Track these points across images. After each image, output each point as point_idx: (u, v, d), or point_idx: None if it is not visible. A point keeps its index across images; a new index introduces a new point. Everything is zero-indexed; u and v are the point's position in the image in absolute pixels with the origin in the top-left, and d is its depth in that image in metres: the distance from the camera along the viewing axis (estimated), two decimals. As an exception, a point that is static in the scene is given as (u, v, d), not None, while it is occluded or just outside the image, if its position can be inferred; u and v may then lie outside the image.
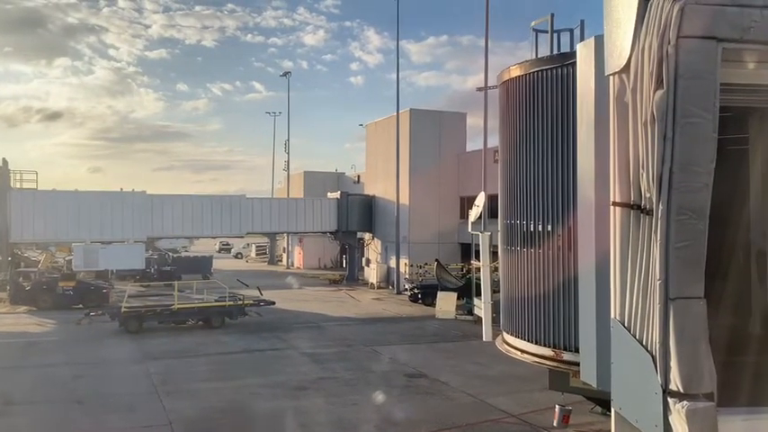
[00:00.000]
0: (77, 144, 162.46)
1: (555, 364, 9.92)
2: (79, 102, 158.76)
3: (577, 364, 8.36)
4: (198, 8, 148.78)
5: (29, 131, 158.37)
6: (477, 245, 13.78)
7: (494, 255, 13.04)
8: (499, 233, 11.65)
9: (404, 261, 40.02)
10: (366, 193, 46.70)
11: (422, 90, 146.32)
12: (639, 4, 4.96)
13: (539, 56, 10.99)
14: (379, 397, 16.63)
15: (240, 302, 27.87)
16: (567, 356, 9.58)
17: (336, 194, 45.50)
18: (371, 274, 43.29)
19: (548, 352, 9.95)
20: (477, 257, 13.42)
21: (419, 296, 34.09)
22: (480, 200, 16.02)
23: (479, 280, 14.46)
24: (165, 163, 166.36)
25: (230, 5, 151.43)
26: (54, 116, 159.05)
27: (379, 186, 44.46)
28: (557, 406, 13.17)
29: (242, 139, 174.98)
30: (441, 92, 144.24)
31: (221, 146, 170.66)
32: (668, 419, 4.76)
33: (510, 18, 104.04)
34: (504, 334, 11.37)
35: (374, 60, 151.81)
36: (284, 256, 64.50)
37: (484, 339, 13.62)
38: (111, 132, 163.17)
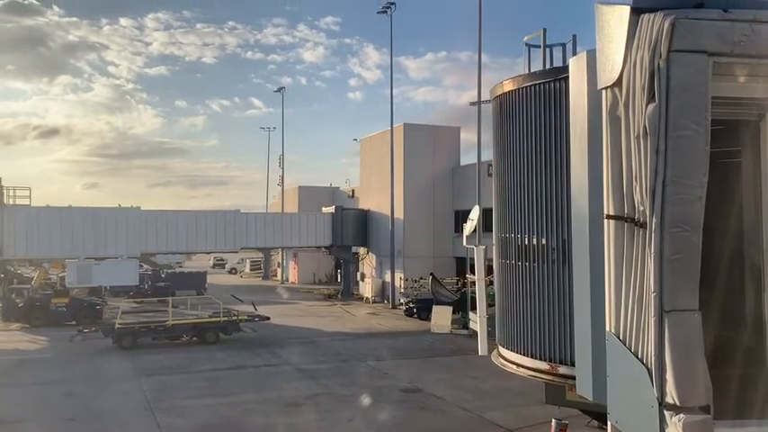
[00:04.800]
0: (75, 160, 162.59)
1: (551, 377, 9.89)
2: (78, 119, 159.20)
3: (573, 378, 8.34)
4: (199, 26, 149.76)
5: (26, 148, 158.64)
6: (472, 258, 13.77)
7: (489, 268, 13.04)
8: (494, 247, 11.65)
9: (399, 275, 39.94)
10: (361, 207, 46.70)
11: (419, 105, 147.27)
12: (631, 18, 5.00)
13: (532, 70, 11.04)
14: (374, 412, 16.53)
15: (235, 318, 27.74)
16: (562, 370, 9.55)
17: (331, 209, 45.47)
18: (366, 288, 43.18)
19: (543, 365, 9.92)
20: (472, 271, 13.41)
21: (414, 310, 34.00)
22: (475, 213, 16.04)
23: (474, 294, 14.45)
24: (161, 179, 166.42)
25: (231, 23, 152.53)
26: (52, 133, 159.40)
27: (374, 200, 44.47)
28: (553, 420, 13.09)
29: (239, 155, 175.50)
30: (437, 107, 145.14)
31: (218, 162, 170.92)
32: (665, 433, 4.74)
33: (508, 34, 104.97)
34: (500, 348, 11.33)
35: (373, 76, 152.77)
36: (279, 270, 64.30)
37: (479, 353, 13.58)
38: (109, 149, 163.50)
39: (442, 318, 29.96)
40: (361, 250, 46.31)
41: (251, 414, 16.44)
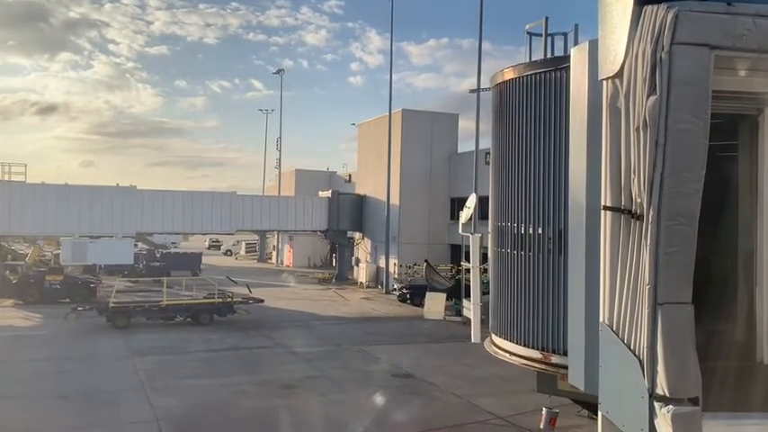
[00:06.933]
0: (73, 138, 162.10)
1: (543, 366, 9.93)
2: (76, 96, 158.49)
3: (565, 367, 8.39)
4: (202, 6, 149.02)
5: (25, 124, 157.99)
6: (468, 246, 13.79)
7: (484, 257, 13.06)
8: (489, 235, 11.66)
9: (393, 261, 40.02)
10: (357, 192, 46.67)
11: (419, 91, 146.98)
12: (634, 9, 4.98)
13: (533, 59, 11.00)
14: (367, 397, 16.63)
15: (229, 300, 27.79)
16: (555, 359, 9.60)
17: (327, 193, 45.44)
18: (361, 273, 43.27)
19: (536, 354, 9.96)
20: (467, 259, 13.44)
21: (408, 296, 34.11)
22: (471, 201, 16.02)
23: (469, 281, 14.48)
24: (159, 158, 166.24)
25: (234, 4, 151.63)
26: (50, 109, 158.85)
27: (371, 186, 44.44)
28: (544, 409, 13.17)
29: (238, 137, 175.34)
30: (437, 93, 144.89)
31: (217, 143, 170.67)
32: (654, 423, 4.79)
33: (511, 22, 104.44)
34: (493, 336, 11.38)
35: (374, 61, 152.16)
36: (274, 253, 64.38)
37: (472, 341, 13.61)
38: (108, 127, 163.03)
39: (435, 304, 30.06)
40: (357, 235, 46.35)
41: (244, 396, 16.52)
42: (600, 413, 5.81)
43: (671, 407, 4.64)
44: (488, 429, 14.43)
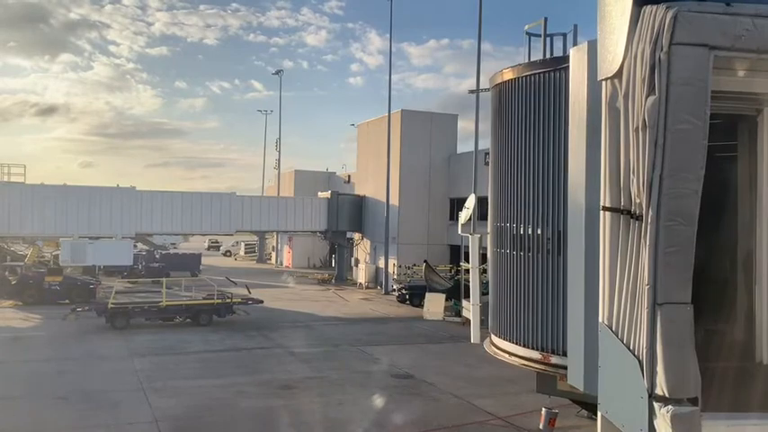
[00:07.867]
0: (73, 139, 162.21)
1: (543, 367, 9.95)
2: (77, 97, 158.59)
3: (565, 368, 8.41)
4: (202, 7, 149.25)
5: (25, 125, 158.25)
6: (467, 247, 13.79)
7: (483, 257, 13.07)
8: (489, 236, 11.67)
9: (392, 261, 40.02)
10: (357, 193, 46.66)
11: (419, 92, 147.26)
12: (633, 10, 4.98)
13: (532, 59, 11.00)
14: (366, 397, 16.62)
15: (228, 300, 27.77)
16: (554, 360, 9.61)
17: (327, 194, 45.43)
18: (360, 273, 43.26)
19: (536, 355, 9.97)
20: (467, 259, 13.43)
21: (407, 297, 34.10)
22: (470, 202, 16.02)
23: (468, 282, 14.48)
24: (158, 159, 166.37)
25: (234, 5, 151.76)
26: (50, 111, 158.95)
27: (370, 186, 44.44)
28: (543, 409, 13.19)
29: (238, 138, 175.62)
30: (437, 94, 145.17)
31: (217, 144, 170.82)
32: (653, 424, 4.79)
33: (511, 22, 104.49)
34: (493, 336, 11.39)
35: (374, 62, 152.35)
36: (273, 254, 64.36)
37: (472, 341, 13.64)
38: (108, 128, 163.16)
39: (434, 305, 30.05)
40: (356, 236, 46.35)
41: (243, 396, 16.50)
42: (599, 413, 5.81)
43: (670, 407, 4.64)
44: (488, 430, 14.42)
